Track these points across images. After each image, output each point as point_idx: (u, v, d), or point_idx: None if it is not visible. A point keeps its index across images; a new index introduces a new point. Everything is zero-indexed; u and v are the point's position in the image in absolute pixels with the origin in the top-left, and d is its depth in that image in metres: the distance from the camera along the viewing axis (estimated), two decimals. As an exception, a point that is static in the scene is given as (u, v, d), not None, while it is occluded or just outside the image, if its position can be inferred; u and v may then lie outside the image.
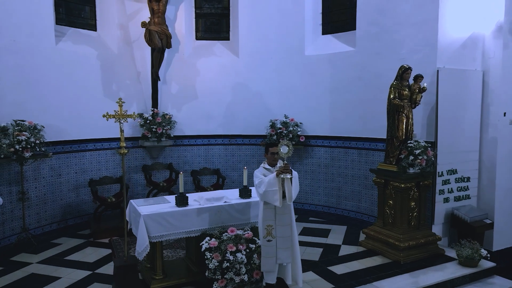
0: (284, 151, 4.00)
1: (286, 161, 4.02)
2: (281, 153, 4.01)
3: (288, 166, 3.98)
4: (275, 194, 3.98)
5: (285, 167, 3.97)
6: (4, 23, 5.82)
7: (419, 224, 5.45)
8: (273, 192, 3.98)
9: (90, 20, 7.43)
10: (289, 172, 3.97)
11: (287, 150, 4.01)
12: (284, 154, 4.00)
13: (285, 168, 3.96)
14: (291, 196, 4.00)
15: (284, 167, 3.97)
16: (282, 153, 4.01)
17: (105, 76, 7.31)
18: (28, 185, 6.25)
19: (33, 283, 4.59)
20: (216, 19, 8.49)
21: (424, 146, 5.23)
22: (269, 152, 4.27)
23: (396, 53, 6.38)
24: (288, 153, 4.01)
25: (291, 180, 4.02)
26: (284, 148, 4.00)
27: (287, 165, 3.99)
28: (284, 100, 7.93)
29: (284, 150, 4.00)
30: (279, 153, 4.04)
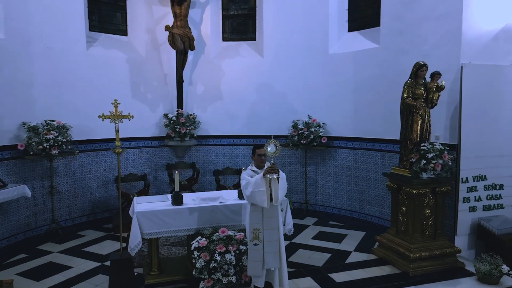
0: (271, 150, 3.91)
1: (273, 161, 3.93)
2: (267, 152, 3.92)
3: (274, 166, 3.89)
4: (263, 195, 3.90)
5: (271, 167, 3.88)
6: (39, 31, 6.36)
7: (435, 233, 5.03)
8: (260, 192, 3.90)
9: (121, 26, 7.87)
10: (276, 172, 3.88)
11: (274, 149, 3.90)
12: (271, 153, 3.91)
13: (272, 168, 3.88)
14: (277, 197, 3.89)
15: (271, 167, 3.88)
16: (269, 152, 3.91)
17: (133, 79, 7.69)
18: (60, 180, 6.78)
19: (46, 271, 4.98)
20: (242, 20, 8.54)
21: (439, 149, 4.81)
22: (256, 154, 4.21)
23: (420, 49, 5.96)
24: (275, 152, 3.91)
25: (278, 180, 3.91)
26: (271, 147, 3.91)
27: (273, 165, 3.90)
28: (307, 100, 7.76)
29: (272, 149, 3.91)
30: (266, 153, 3.96)
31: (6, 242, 5.91)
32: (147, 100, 7.89)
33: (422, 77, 5.04)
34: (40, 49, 6.41)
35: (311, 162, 7.85)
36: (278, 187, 3.88)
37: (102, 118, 4.59)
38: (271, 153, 3.89)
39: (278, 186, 3.89)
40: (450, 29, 5.44)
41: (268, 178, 3.88)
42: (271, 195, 3.95)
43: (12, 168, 6.02)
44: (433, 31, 5.73)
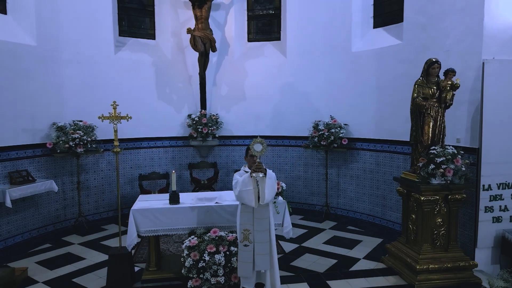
0: (257, 149, 3.88)
1: (259, 160, 3.89)
2: (254, 151, 3.89)
3: (260, 165, 3.84)
4: (250, 194, 3.87)
5: (257, 165, 3.84)
6: (70, 38, 6.85)
7: (448, 244, 4.63)
8: (248, 192, 3.88)
9: (149, 30, 8.21)
10: (261, 171, 3.83)
11: (260, 148, 3.87)
12: (257, 152, 3.88)
13: (258, 167, 3.83)
14: (264, 197, 3.83)
15: (256, 165, 3.84)
16: (255, 151, 3.88)
17: (159, 80, 8.00)
18: (88, 176, 7.25)
19: (62, 261, 5.35)
20: (267, 20, 8.51)
21: (452, 153, 4.42)
22: (248, 155, 4.17)
23: (442, 44, 5.53)
24: (261, 151, 3.87)
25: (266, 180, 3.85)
26: (257, 146, 3.88)
27: (259, 163, 3.85)
28: (330, 100, 7.54)
29: (258, 148, 3.87)
30: (252, 152, 3.92)
31: (37, 232, 6.44)
32: (172, 101, 8.16)
33: (434, 75, 4.67)
34: (71, 54, 6.89)
35: (333, 164, 7.62)
36: (265, 186, 3.82)
37: (101, 119, 4.83)
38: (257, 151, 3.86)
39: (265, 185, 3.83)
40: (472, 22, 4.98)
41: (255, 177, 3.85)
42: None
43: (43, 165, 6.54)
44: (455, 25, 5.28)
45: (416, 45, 6.06)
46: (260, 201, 3.86)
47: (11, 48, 6.01)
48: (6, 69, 5.93)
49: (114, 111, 4.84)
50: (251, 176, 3.86)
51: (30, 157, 6.32)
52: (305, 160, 7.98)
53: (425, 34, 5.87)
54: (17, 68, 6.09)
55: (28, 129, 6.27)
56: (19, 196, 5.68)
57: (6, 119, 5.92)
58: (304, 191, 8.04)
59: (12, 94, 6.01)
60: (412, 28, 6.13)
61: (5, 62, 5.92)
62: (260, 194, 3.88)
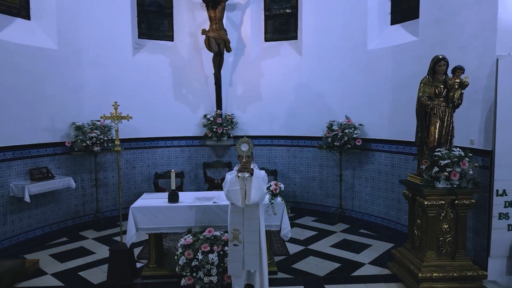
0: (244, 149, 3.91)
1: (245, 160, 3.89)
2: (240, 151, 3.92)
3: (246, 165, 3.83)
4: (237, 194, 3.90)
5: (242, 165, 3.84)
6: (89, 41, 7.15)
7: (455, 252, 4.37)
8: (235, 191, 3.91)
9: (168, 32, 8.40)
10: (248, 171, 3.82)
11: (247, 148, 3.92)
12: (243, 152, 3.90)
13: (243, 167, 3.83)
14: (250, 196, 3.81)
15: (242, 165, 3.84)
16: (241, 151, 3.91)
17: (176, 81, 8.16)
18: (107, 174, 7.53)
19: (74, 254, 5.60)
20: (284, 19, 8.44)
21: (458, 155, 4.16)
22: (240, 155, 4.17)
23: (457, 40, 5.23)
24: (248, 151, 3.90)
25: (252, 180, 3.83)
26: (244, 146, 3.92)
27: (245, 163, 3.85)
28: (345, 100, 7.36)
29: (244, 148, 3.92)
30: (239, 152, 3.94)
31: (57, 226, 6.78)
32: (189, 101, 8.29)
33: (440, 72, 4.43)
34: (90, 57, 7.19)
35: (348, 165, 7.42)
36: (251, 186, 3.81)
37: (103, 118, 4.97)
38: (244, 151, 3.88)
39: (251, 185, 3.81)
40: (486, 15, 4.66)
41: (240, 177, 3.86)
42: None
43: (63, 162, 6.88)
44: (470, 19, 4.98)
45: (432, 41, 5.76)
46: (246, 201, 3.84)
47: (34, 52, 6.36)
48: (29, 72, 6.28)
49: (115, 111, 4.97)
50: (237, 175, 3.87)
51: (50, 155, 6.67)
52: (320, 161, 7.84)
53: (440, 29, 5.58)
54: (39, 70, 6.43)
55: (48, 128, 6.61)
56: (38, 191, 6.00)
57: (27, 119, 6.27)
58: (319, 192, 7.90)
59: (34, 95, 6.35)
60: (428, 23, 5.84)
61: (28, 65, 6.27)
62: (246, 194, 3.87)
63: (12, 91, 6.01)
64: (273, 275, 4.79)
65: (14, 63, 6.03)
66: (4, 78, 5.88)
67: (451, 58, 5.07)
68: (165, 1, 8.34)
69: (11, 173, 6.02)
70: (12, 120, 6.01)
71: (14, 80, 6.04)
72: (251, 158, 4.26)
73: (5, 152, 5.92)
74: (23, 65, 6.17)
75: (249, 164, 3.87)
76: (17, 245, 5.98)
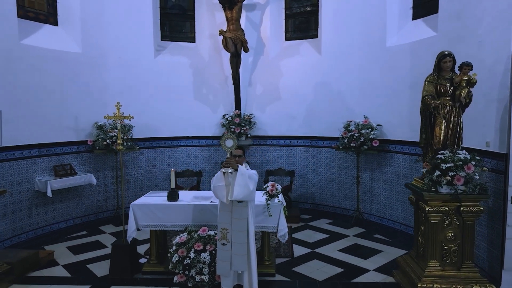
0: (228, 145, 3.95)
1: (229, 155, 3.90)
2: (224, 147, 3.94)
3: (229, 160, 3.83)
4: (222, 190, 3.92)
5: (226, 161, 3.84)
6: (113, 44, 7.48)
7: (461, 263, 4.06)
8: (220, 187, 3.93)
9: (189, 34, 8.57)
10: (230, 167, 3.81)
11: (231, 144, 3.95)
12: (228, 148, 3.93)
13: (226, 162, 3.83)
14: (232, 192, 3.79)
15: (226, 161, 3.85)
16: (226, 146, 3.94)
17: (197, 81, 8.31)
18: (128, 171, 7.84)
19: (88, 247, 5.89)
20: (304, 18, 8.30)
21: (463, 159, 3.86)
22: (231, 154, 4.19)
23: (475, 34, 4.86)
24: (232, 146, 3.92)
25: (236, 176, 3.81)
26: (228, 141, 3.95)
27: (229, 159, 3.85)
28: (364, 99, 7.11)
29: (229, 144, 3.96)
30: (223, 147, 3.97)
31: (80, 220, 7.17)
32: (209, 101, 8.41)
33: (446, 69, 4.14)
34: (113, 59, 7.51)
35: (366, 167, 7.15)
36: (235, 182, 3.79)
37: (107, 118, 5.16)
38: (229, 147, 3.91)
39: (235, 181, 3.79)
40: (503, 4, 4.28)
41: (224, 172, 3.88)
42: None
43: (87, 160, 7.25)
44: (487, 10, 4.60)
45: (451, 36, 5.40)
46: (228, 197, 3.83)
47: (59, 55, 6.76)
48: (55, 75, 6.68)
49: (118, 111, 5.14)
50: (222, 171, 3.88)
51: (74, 153, 7.06)
52: (339, 162, 7.62)
53: (459, 23, 5.21)
54: (64, 73, 6.83)
55: (72, 127, 7.00)
56: (59, 187, 6.38)
57: (53, 118, 6.68)
58: (338, 194, 7.68)
59: (59, 96, 6.76)
60: (447, 17, 5.48)
61: (54, 69, 6.67)
62: (230, 190, 3.87)
63: (38, 92, 6.43)
64: (270, 277, 4.74)
65: (40, 66, 6.45)
66: (31, 81, 6.30)
67: (468, 54, 4.77)
68: (187, 3, 8.52)
69: (36, 169, 6.45)
70: (38, 120, 6.44)
71: (41, 82, 6.46)
72: (243, 158, 4.26)
73: (31, 150, 6.35)
74: (49, 68, 6.58)
75: (234, 161, 3.87)
76: (41, 237, 6.40)
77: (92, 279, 4.76)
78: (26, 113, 6.22)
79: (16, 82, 6.06)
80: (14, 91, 6.03)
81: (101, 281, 4.71)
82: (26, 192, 6.28)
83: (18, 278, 4.70)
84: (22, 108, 6.16)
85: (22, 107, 6.17)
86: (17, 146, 6.10)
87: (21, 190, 6.19)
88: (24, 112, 6.19)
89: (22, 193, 6.22)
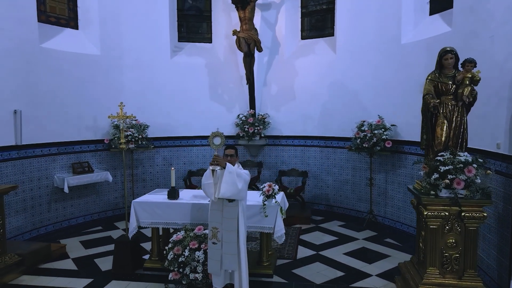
0: (216, 143, 4.01)
1: (216, 153, 3.92)
2: (212, 145, 3.99)
3: (216, 158, 3.85)
4: (210, 187, 3.96)
5: (213, 158, 3.86)
6: (130, 46, 7.71)
7: (463, 271, 3.83)
8: (208, 185, 3.98)
9: (206, 34, 8.68)
10: (217, 164, 3.83)
11: (219, 142, 4.01)
12: (216, 145, 3.99)
13: (214, 160, 3.85)
14: (219, 190, 3.80)
15: (213, 158, 3.86)
16: (214, 144, 3.99)
17: (212, 82, 8.39)
18: (145, 169, 8.06)
19: (99, 242, 6.11)
20: (320, 16, 8.17)
21: (464, 161, 3.65)
22: (224, 154, 4.20)
23: (488, 28, 4.57)
24: (220, 144, 3.96)
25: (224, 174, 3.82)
26: (216, 139, 4.01)
27: (215, 156, 3.87)
28: (378, 98, 6.90)
29: (217, 142, 4.02)
30: (211, 145, 4.02)
31: (97, 216, 7.46)
32: (224, 101, 8.47)
33: (448, 67, 3.92)
34: (130, 61, 7.75)
35: (381, 169, 6.93)
36: (222, 180, 3.79)
37: (111, 118, 5.31)
38: (216, 145, 3.94)
39: (224, 180, 3.80)
40: (514, -2, 4.00)
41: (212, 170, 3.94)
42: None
43: (104, 158, 7.53)
44: (499, 2, 4.31)
45: (465, 31, 5.11)
46: (216, 194, 3.85)
47: (79, 58, 7.06)
48: (74, 76, 6.99)
49: (121, 111, 5.29)
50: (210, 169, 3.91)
51: (92, 151, 7.35)
52: (353, 163, 7.44)
53: (473, 17, 4.92)
54: (83, 74, 7.13)
55: (91, 127, 7.29)
56: (76, 183, 6.67)
57: (72, 118, 6.99)
58: (352, 196, 7.49)
59: (78, 96, 7.06)
60: (462, 11, 5.21)
61: (74, 70, 6.98)
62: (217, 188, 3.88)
63: (58, 93, 6.75)
64: (268, 278, 4.71)
65: (60, 68, 6.77)
66: (51, 82, 6.62)
67: (481, 50, 4.53)
68: (204, 4, 8.63)
69: (56, 166, 6.77)
70: (58, 119, 6.76)
71: (60, 83, 6.78)
72: (235, 158, 4.26)
73: (51, 148, 6.68)
74: (68, 70, 6.89)
75: (221, 159, 3.88)
76: (59, 231, 6.72)
77: (96, 273, 4.93)
78: (45, 113, 6.55)
79: (36, 84, 6.39)
80: (34, 92, 6.36)
81: (104, 275, 4.87)
82: (46, 188, 6.61)
83: (29, 269, 4.95)
84: (42, 108, 6.49)
85: (42, 107, 6.50)
86: (37, 144, 6.43)
87: (40, 185, 6.53)
88: (44, 112, 6.52)
89: (42, 189, 6.55)
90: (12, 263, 4.75)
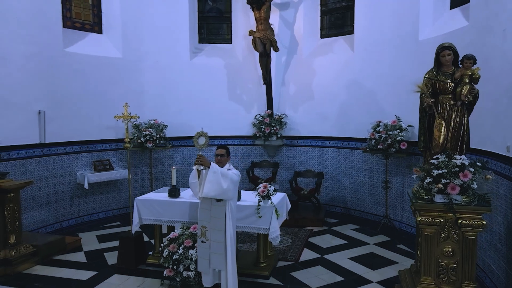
0: (200, 142, 4.07)
1: (200, 152, 3.97)
2: (196, 144, 4.04)
3: (200, 158, 3.89)
4: (195, 186, 4.11)
5: (197, 158, 3.90)
6: (151, 49, 7.98)
7: (461, 282, 3.58)
8: (194, 184, 4.15)
9: (226, 35, 8.77)
10: (201, 164, 3.88)
11: (203, 141, 4.07)
12: (200, 145, 4.06)
13: (198, 160, 3.89)
14: (203, 189, 3.84)
15: (197, 158, 3.91)
16: (198, 144, 4.05)
17: (231, 82, 8.47)
18: (164, 168, 8.30)
19: (113, 237, 6.35)
20: (340, 14, 7.97)
21: (460, 165, 3.41)
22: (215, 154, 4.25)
23: (499, 22, 4.24)
24: (204, 144, 4.03)
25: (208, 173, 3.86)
26: (201, 139, 4.08)
27: (199, 156, 3.90)
28: (396, 98, 6.62)
29: (201, 142, 4.07)
30: (196, 145, 4.08)
31: (118, 212, 7.78)
32: (243, 101, 8.51)
33: (446, 64, 3.68)
34: (151, 63, 8.01)
35: (398, 171, 6.63)
36: (206, 180, 3.83)
37: (116, 118, 5.50)
38: (201, 145, 4.00)
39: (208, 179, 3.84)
40: (523, -12, 3.67)
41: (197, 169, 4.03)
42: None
43: (125, 156, 7.84)
44: (511, -5, 3.98)
45: (480, 25, 4.79)
46: (200, 193, 3.90)
47: (101, 61, 7.41)
48: (96, 78, 7.35)
49: (126, 111, 5.47)
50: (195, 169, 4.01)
51: (113, 150, 7.69)
52: (370, 165, 7.18)
53: (488, 10, 4.59)
54: (106, 76, 7.47)
55: (112, 126, 7.61)
56: (96, 180, 7.00)
57: (94, 118, 7.35)
58: (369, 199, 7.24)
59: (100, 97, 7.41)
60: (477, 4, 4.86)
61: (97, 73, 7.34)
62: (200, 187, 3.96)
63: (82, 94, 7.13)
64: (264, 279, 4.68)
65: (83, 71, 7.14)
66: (74, 84, 7.01)
67: (494, 44, 4.25)
68: (224, 6, 8.72)
69: (78, 163, 7.16)
70: (81, 119, 7.14)
71: (83, 85, 7.15)
72: (226, 158, 4.27)
73: (73, 146, 7.08)
74: (91, 73, 7.26)
75: (205, 158, 3.91)
76: (79, 225, 7.09)
77: (101, 266, 5.16)
78: (69, 113, 6.94)
79: (60, 86, 6.79)
80: (58, 94, 6.76)
81: (108, 268, 5.08)
82: (68, 184, 7.01)
83: (43, 259, 5.27)
84: (65, 109, 6.88)
85: (65, 107, 6.89)
86: (60, 142, 6.84)
87: (63, 182, 6.93)
88: (67, 112, 6.91)
89: (65, 185, 6.95)
90: (27, 253, 5.09)
